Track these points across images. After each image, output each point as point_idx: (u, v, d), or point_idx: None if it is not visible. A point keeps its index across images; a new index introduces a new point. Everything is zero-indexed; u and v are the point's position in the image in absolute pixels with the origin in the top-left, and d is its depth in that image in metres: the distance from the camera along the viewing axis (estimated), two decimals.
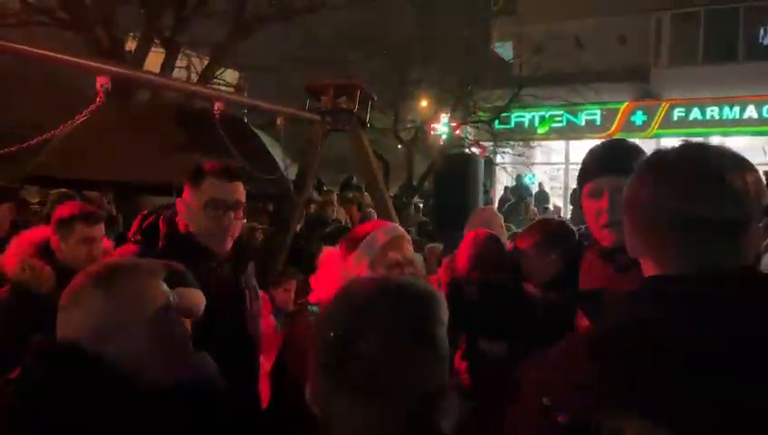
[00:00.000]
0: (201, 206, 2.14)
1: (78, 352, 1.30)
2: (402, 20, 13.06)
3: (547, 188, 18.32)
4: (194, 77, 10.34)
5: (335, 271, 2.15)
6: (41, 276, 2.69)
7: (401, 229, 2.23)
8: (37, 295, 2.60)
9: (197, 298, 1.62)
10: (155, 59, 9.08)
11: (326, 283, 2.19)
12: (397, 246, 2.11)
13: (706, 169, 1.05)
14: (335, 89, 5.48)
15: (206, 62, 9.88)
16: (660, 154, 1.14)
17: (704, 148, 1.10)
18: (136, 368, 1.32)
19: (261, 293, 2.70)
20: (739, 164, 1.07)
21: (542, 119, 18.95)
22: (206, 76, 9.43)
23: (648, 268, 1.11)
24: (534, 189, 17.49)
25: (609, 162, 1.83)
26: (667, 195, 1.06)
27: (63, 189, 6.38)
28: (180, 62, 9.97)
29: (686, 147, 1.12)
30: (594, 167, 1.86)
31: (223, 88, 9.70)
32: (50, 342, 1.35)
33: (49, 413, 1.19)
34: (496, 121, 16.55)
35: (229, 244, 2.22)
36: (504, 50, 18.69)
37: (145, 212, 2.37)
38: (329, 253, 2.23)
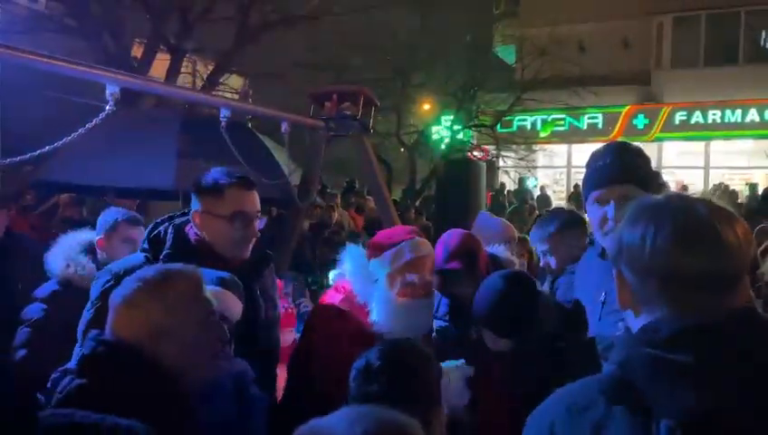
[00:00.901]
0: (227, 217, 2.17)
1: (135, 351, 1.41)
2: (405, 25, 13.14)
3: (549, 192, 18.36)
4: (199, 83, 10.44)
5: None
6: (84, 272, 2.87)
7: (428, 248, 2.29)
8: (79, 289, 2.68)
9: (235, 304, 1.74)
10: (160, 65, 9.17)
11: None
12: (419, 266, 2.22)
13: (701, 222, 1.04)
14: (339, 95, 5.53)
15: (210, 68, 9.98)
16: (653, 205, 1.11)
17: (695, 201, 1.10)
18: (184, 367, 1.44)
19: (287, 306, 2.73)
20: (729, 216, 1.09)
21: (545, 122, 19.01)
22: (211, 82, 9.52)
23: (639, 320, 1.09)
24: (536, 193, 17.54)
25: (616, 172, 1.89)
26: (663, 249, 1.04)
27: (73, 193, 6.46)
28: (185, 68, 10.06)
29: (678, 198, 1.11)
30: (601, 176, 1.91)
31: (228, 94, 9.79)
32: (106, 339, 1.45)
33: (107, 408, 1.26)
34: (498, 125, 16.62)
35: (248, 252, 2.26)
36: (507, 54, 18.75)
37: (158, 220, 2.37)
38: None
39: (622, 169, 1.88)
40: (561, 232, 2.80)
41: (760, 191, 15.25)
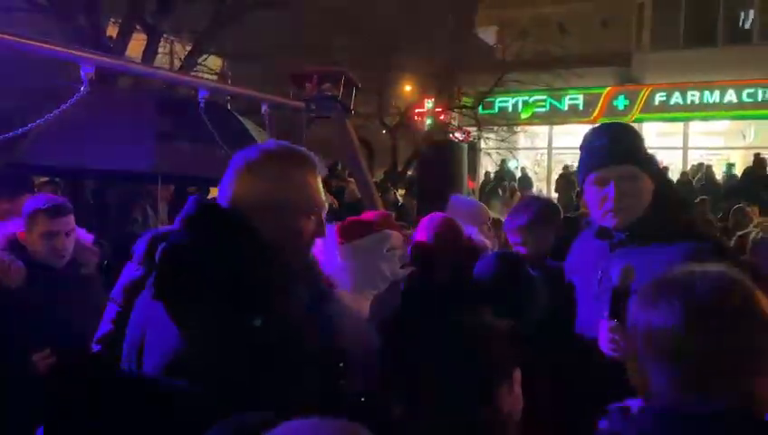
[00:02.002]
0: None
1: (240, 214, 1.48)
2: (387, 5, 13.02)
3: (531, 174, 18.45)
4: (176, 64, 10.27)
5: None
6: (9, 271, 2.61)
7: (398, 241, 2.27)
8: (7, 291, 2.56)
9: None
10: (136, 45, 8.99)
11: None
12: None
13: (723, 303, 1.04)
14: (319, 76, 5.47)
15: (188, 49, 9.81)
16: (676, 282, 1.10)
17: (714, 277, 1.08)
18: (285, 246, 1.53)
19: None
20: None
21: (526, 104, 19.05)
22: (189, 63, 9.36)
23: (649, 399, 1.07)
24: (518, 175, 17.63)
25: (615, 152, 1.90)
26: (685, 329, 1.03)
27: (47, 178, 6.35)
28: (162, 48, 9.88)
29: (701, 275, 1.09)
30: (599, 156, 1.92)
31: (206, 75, 9.64)
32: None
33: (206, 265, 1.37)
34: (480, 107, 16.61)
35: None
36: (488, 35, 18.70)
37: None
38: None
39: (621, 149, 1.89)
40: (533, 225, 2.69)
41: (736, 171, 15.49)
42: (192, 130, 5.44)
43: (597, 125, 2.10)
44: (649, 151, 2.06)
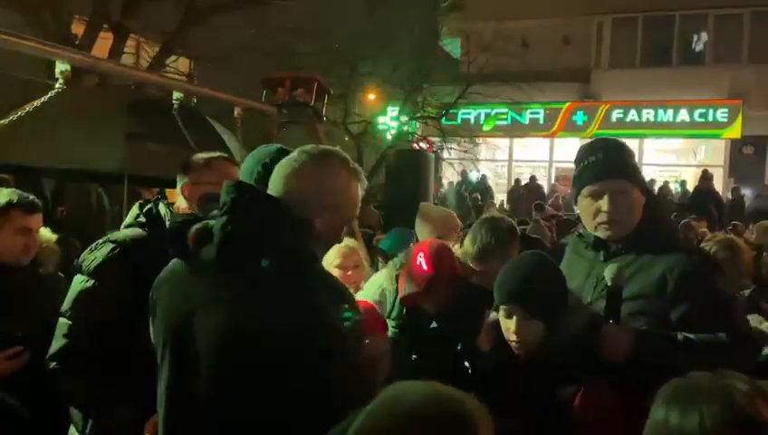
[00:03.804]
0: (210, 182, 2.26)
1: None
2: (354, 14, 13.12)
3: (492, 184, 18.76)
4: (143, 64, 10.15)
5: None
6: None
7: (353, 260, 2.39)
8: None
9: None
10: (102, 44, 8.86)
11: None
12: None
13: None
14: (292, 81, 5.54)
15: (156, 50, 9.71)
16: (685, 387, 1.14)
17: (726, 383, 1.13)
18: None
19: None
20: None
21: (488, 116, 19.38)
22: (159, 63, 9.27)
23: None
24: (480, 185, 17.89)
25: (609, 167, 2.00)
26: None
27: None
28: (129, 48, 9.76)
29: (711, 379, 1.14)
30: (594, 171, 2.02)
31: (176, 76, 9.55)
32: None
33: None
34: (443, 118, 16.83)
35: None
36: (453, 47, 18.98)
37: (141, 202, 2.42)
38: None
39: (614, 164, 2.00)
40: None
41: (688, 187, 16.09)
42: (162, 132, 5.41)
43: (590, 141, 2.20)
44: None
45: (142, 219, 2.29)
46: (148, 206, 2.33)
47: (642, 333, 1.81)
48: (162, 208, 2.31)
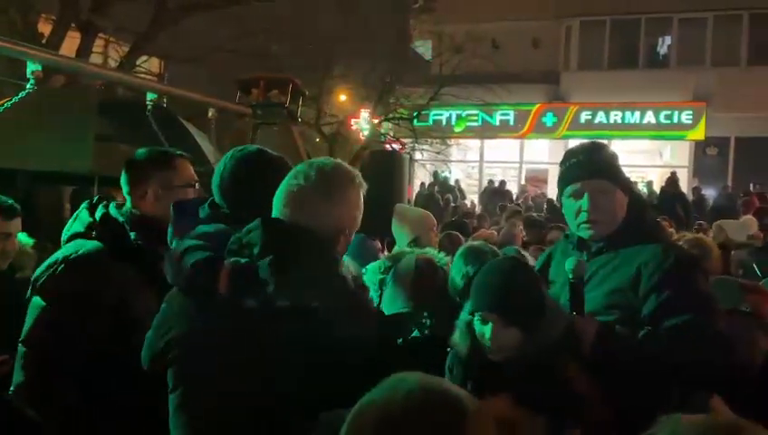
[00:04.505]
0: (186, 185, 2.25)
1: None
2: (327, 16, 13.12)
3: (463, 186, 18.91)
4: (112, 64, 9.99)
5: None
6: None
7: None
8: None
9: None
10: (70, 43, 8.71)
11: None
12: None
13: None
14: (267, 82, 5.52)
15: (125, 49, 9.57)
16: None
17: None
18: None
19: None
20: None
21: (459, 117, 19.52)
22: (130, 64, 9.15)
23: None
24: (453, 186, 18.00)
25: (589, 168, 2.04)
26: None
27: None
28: (97, 47, 9.61)
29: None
30: (575, 172, 2.05)
31: (147, 77, 9.44)
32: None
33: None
34: (415, 119, 16.91)
35: None
36: (425, 49, 19.09)
37: (85, 205, 2.31)
38: None
39: (595, 165, 2.04)
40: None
41: (655, 188, 16.43)
42: (134, 133, 5.34)
43: (575, 145, 2.23)
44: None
45: (95, 225, 2.18)
46: (102, 211, 2.21)
47: (605, 323, 1.83)
48: (114, 212, 2.22)
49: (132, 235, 2.16)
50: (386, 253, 3.95)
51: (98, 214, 2.21)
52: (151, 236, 2.13)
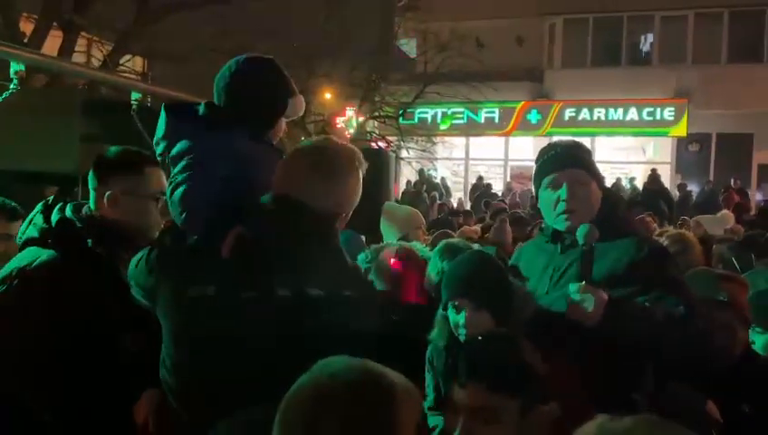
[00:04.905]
0: (150, 195, 2.12)
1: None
2: (312, 14, 13.10)
3: (449, 183, 18.97)
4: (95, 63, 9.91)
5: None
6: None
7: None
8: None
9: None
10: (52, 42, 8.63)
11: None
12: None
13: None
14: None
15: (108, 49, 9.50)
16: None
17: None
18: None
19: None
20: None
21: (445, 115, 19.57)
22: (114, 62, 9.08)
23: None
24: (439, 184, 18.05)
25: (566, 158, 2.07)
26: None
27: None
28: (80, 47, 9.52)
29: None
30: (552, 163, 2.09)
31: (131, 76, 9.37)
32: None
33: None
34: (401, 117, 16.93)
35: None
36: (410, 47, 19.12)
37: (42, 208, 2.17)
38: None
39: (573, 156, 2.08)
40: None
41: (638, 184, 16.61)
42: (119, 132, 5.31)
43: (549, 143, 2.27)
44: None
45: (51, 231, 2.05)
46: (58, 216, 2.08)
47: (613, 298, 1.84)
48: (70, 215, 2.08)
49: (89, 242, 2.03)
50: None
51: (54, 218, 2.08)
52: (112, 242, 2.04)
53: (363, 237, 4.25)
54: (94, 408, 1.91)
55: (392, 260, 2.44)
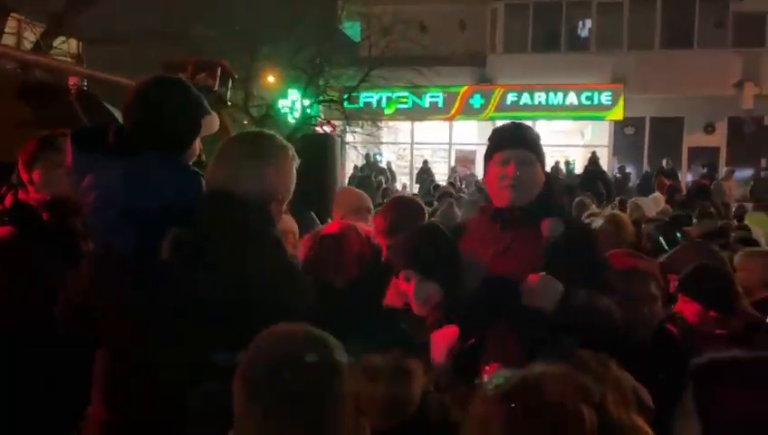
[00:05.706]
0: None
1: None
2: None
3: (394, 168, 19.10)
4: (27, 45, 9.50)
5: None
6: None
7: None
8: None
9: None
10: None
11: None
12: None
13: None
14: (194, 65, 5.40)
15: (40, 31, 9.11)
16: None
17: None
18: None
19: None
20: None
21: (389, 99, 19.62)
22: (47, 45, 8.71)
23: None
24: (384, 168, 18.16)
25: (516, 138, 2.18)
26: None
27: None
28: (10, 28, 9.11)
29: None
30: (504, 140, 2.19)
31: (66, 59, 9.02)
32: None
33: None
34: (346, 101, 16.88)
35: None
36: (353, 31, 19.03)
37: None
38: None
39: (522, 137, 2.19)
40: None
41: (576, 167, 17.15)
42: (57, 118, 5.17)
43: (502, 124, 2.37)
44: None
45: (6, 211, 2.23)
46: (16, 199, 2.26)
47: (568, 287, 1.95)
48: (22, 197, 2.26)
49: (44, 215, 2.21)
50: None
51: (11, 201, 2.25)
52: (65, 214, 2.18)
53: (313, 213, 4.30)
54: (53, 373, 1.99)
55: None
